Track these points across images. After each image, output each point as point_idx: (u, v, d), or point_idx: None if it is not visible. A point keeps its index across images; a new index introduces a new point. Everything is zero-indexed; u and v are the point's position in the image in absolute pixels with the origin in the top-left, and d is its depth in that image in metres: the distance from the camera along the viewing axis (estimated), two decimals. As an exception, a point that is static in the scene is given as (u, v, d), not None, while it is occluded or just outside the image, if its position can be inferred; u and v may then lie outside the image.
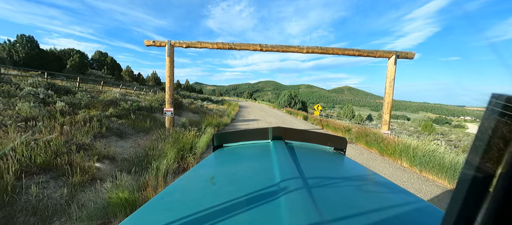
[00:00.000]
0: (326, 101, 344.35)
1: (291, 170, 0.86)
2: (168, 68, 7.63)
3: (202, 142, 6.53)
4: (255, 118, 16.13)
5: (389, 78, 8.35)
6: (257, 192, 0.72)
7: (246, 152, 1.31)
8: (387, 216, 0.64)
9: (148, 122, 7.80)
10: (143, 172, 4.02)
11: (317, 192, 0.73)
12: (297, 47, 7.95)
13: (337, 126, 10.75)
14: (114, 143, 5.57)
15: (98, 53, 44.22)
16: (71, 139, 4.63)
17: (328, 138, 1.47)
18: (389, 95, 8.42)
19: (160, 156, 4.85)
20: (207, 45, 7.68)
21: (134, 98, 11.09)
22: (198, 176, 0.96)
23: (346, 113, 40.07)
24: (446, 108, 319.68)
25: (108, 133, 5.78)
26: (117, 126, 6.25)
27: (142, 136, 6.62)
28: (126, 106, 8.50)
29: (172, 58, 7.73)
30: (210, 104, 25.10)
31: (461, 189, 0.31)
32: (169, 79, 7.68)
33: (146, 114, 8.71)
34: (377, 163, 5.92)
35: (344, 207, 0.66)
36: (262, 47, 7.86)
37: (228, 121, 12.91)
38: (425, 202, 0.78)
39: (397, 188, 0.88)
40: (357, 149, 7.50)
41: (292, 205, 0.61)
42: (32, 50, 20.70)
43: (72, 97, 7.83)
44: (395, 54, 8.20)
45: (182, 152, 4.91)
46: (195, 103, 19.39)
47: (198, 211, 0.63)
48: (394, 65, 8.28)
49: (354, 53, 8.17)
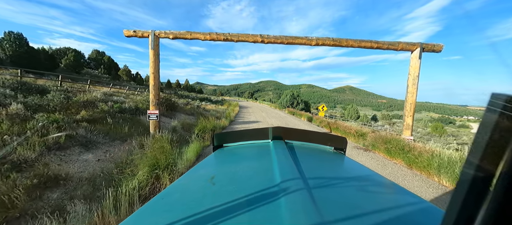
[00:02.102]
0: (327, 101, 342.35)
1: (291, 170, 0.86)
2: (152, 62, 6.45)
3: (190, 152, 5.36)
4: (256, 120, 14.94)
5: (413, 75, 7.13)
6: (257, 192, 0.71)
7: (246, 152, 1.30)
8: (387, 215, 0.64)
9: (129, 127, 6.61)
10: (105, 198, 2.84)
11: (317, 192, 0.71)
12: (304, 39, 6.74)
13: (348, 130, 9.51)
14: (76, 156, 4.39)
15: (95, 52, 43.21)
16: (8, 155, 3.45)
17: (328, 138, 1.46)
18: (412, 95, 7.19)
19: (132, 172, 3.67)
20: (199, 36, 6.49)
21: (120, 99, 9.92)
22: (198, 176, 0.96)
23: (351, 114, 38.53)
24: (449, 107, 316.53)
25: (70, 143, 4.60)
26: (84, 133, 5.06)
27: (118, 145, 5.44)
28: (106, 108, 7.32)
29: (157, 51, 6.54)
30: (209, 105, 23.90)
31: (461, 188, 0.31)
32: (154, 76, 6.50)
33: (129, 117, 7.53)
34: (408, 180, 4.70)
35: (344, 207, 0.66)
36: (263, 39, 6.66)
37: (226, 124, 11.72)
38: (426, 201, 0.77)
39: (397, 187, 0.88)
40: (377, 159, 6.28)
41: (293, 206, 0.60)
42: (20, 47, 19.61)
43: (40, 98, 6.66)
44: (420, 46, 6.98)
45: (157, 171, 3.71)
46: (191, 103, 18.18)
47: (198, 211, 0.62)
48: (418, 59, 7.06)
49: (372, 46, 6.94)
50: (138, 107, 8.80)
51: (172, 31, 6.41)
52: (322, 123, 12.91)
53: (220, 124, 10.87)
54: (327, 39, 6.79)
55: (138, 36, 6.44)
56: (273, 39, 6.68)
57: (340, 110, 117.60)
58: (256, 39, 6.68)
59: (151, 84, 6.52)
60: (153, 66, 6.45)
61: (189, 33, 6.44)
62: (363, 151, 7.26)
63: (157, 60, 6.54)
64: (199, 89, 79.69)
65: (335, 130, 10.61)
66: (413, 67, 7.13)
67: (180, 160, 4.80)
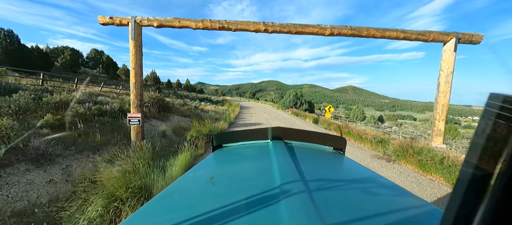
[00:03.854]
0: (329, 100, 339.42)
1: (291, 170, 0.85)
2: (133, 56, 5.34)
3: (176, 166, 4.26)
4: (258, 122, 13.81)
5: (446, 71, 5.94)
6: (257, 193, 0.70)
7: (246, 152, 1.29)
8: (387, 215, 0.64)
9: (107, 133, 5.51)
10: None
11: (317, 193, 0.71)
12: (317, 27, 5.59)
13: (363, 134, 8.32)
14: (19, 176, 3.28)
15: (93, 52, 42.41)
16: None
17: (327, 138, 1.46)
18: (445, 95, 6.00)
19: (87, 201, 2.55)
20: (189, 23, 5.37)
21: (106, 99, 8.83)
22: (197, 176, 0.95)
23: (356, 114, 36.98)
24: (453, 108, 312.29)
25: (15, 158, 3.50)
26: (38, 144, 3.96)
27: (85, 158, 4.34)
28: (81, 110, 6.22)
29: (139, 41, 5.44)
30: (208, 105, 22.77)
31: (460, 188, 0.31)
32: (135, 72, 5.39)
33: (109, 121, 6.43)
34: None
35: (344, 207, 0.65)
36: (267, 27, 5.53)
37: (225, 127, 10.61)
38: (426, 201, 0.77)
39: (397, 188, 0.87)
40: (406, 174, 5.11)
41: (292, 206, 0.60)
42: (11, 45, 18.67)
43: (3, 98, 5.59)
44: (455, 36, 5.80)
45: (116, 202, 2.58)
46: (189, 104, 17.04)
47: (198, 211, 0.62)
48: (453, 52, 5.88)
49: (398, 36, 5.77)
50: (123, 109, 7.69)
51: (157, 18, 5.30)
52: (331, 125, 11.71)
53: (218, 127, 9.75)
54: (344, 28, 5.64)
55: (116, 24, 5.34)
56: (278, 28, 5.54)
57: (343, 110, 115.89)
58: (258, 28, 5.55)
59: (132, 82, 5.40)
60: (134, 60, 5.34)
61: (177, 20, 5.33)
62: (385, 162, 6.09)
63: (139, 53, 5.43)
64: (200, 89, 78.80)
65: (347, 135, 9.43)
66: (446, 62, 5.94)
67: (161, 180, 3.70)
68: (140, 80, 5.51)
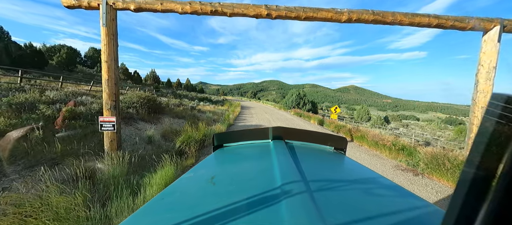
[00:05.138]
0: (331, 100, 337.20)
1: (292, 170, 0.84)
2: (106, 46, 4.34)
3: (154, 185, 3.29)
4: (259, 124, 12.81)
5: (487, 66, 4.91)
6: (258, 193, 0.70)
7: (247, 152, 1.28)
8: (388, 215, 0.63)
9: (78, 140, 4.51)
10: None
11: (318, 193, 0.70)
12: (331, 11, 4.57)
13: (379, 140, 7.27)
14: None
15: (92, 50, 41.65)
16: None
17: (328, 138, 1.45)
18: (485, 95, 4.97)
19: None
20: (174, 5, 4.36)
21: (85, 99, 7.83)
22: (198, 176, 0.95)
23: (361, 115, 35.72)
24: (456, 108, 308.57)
25: None
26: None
27: (34, 175, 3.35)
28: (49, 112, 5.23)
29: (113, 29, 4.44)
30: (207, 105, 21.76)
31: (462, 188, 0.31)
32: (108, 66, 4.39)
33: (82, 124, 5.43)
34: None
35: (345, 207, 0.64)
36: (270, 11, 4.51)
37: (222, 130, 9.60)
38: (427, 202, 0.74)
39: (398, 188, 0.86)
40: (443, 193, 4.06)
41: (293, 206, 0.59)
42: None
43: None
44: (499, 24, 4.77)
45: None
46: (185, 104, 16.02)
47: (199, 211, 0.61)
48: (497, 43, 4.84)
49: (430, 22, 4.72)
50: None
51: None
52: (340, 128, 10.64)
53: (216, 130, 8.75)
54: (365, 12, 4.61)
55: (84, 7, 4.34)
56: (284, 12, 4.53)
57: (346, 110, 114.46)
58: (260, 12, 4.53)
59: (104, 79, 4.40)
60: (106, 51, 4.34)
61: (159, 2, 4.32)
62: (412, 176, 5.05)
63: (113, 43, 4.43)
64: (200, 88, 77.91)
65: (360, 140, 8.36)
66: (487, 54, 4.90)
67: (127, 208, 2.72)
68: (115, 76, 4.51)
